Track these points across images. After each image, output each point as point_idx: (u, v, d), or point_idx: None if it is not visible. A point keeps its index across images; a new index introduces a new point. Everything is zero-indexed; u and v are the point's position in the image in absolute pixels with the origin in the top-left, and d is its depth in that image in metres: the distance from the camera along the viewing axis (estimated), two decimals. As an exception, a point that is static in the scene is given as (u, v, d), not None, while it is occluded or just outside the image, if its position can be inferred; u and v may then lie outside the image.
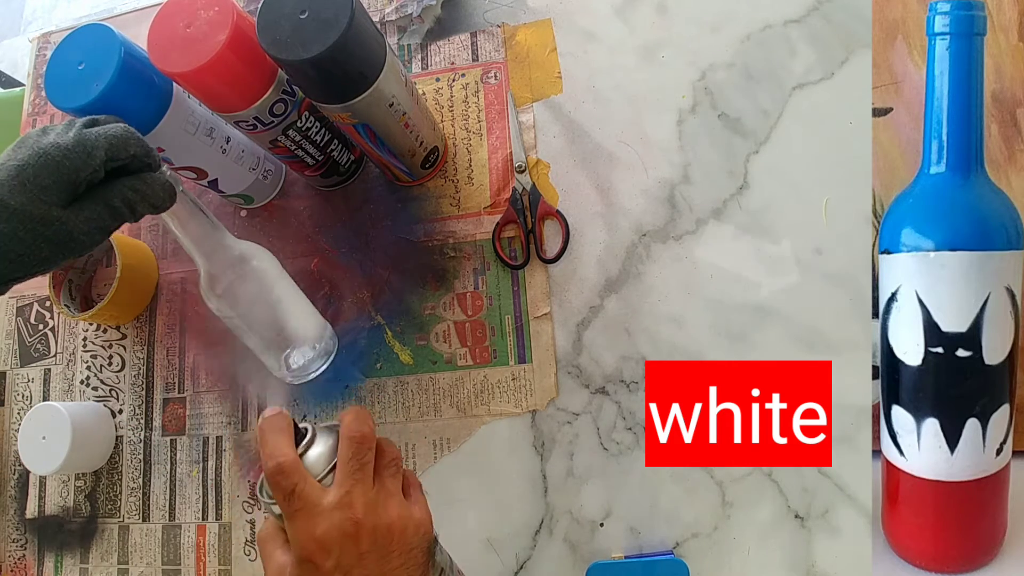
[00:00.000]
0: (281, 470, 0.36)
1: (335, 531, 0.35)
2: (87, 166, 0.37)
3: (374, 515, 0.36)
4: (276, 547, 0.37)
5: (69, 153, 0.36)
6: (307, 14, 0.41)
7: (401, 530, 0.37)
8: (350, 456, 0.37)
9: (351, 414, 0.39)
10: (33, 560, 0.62)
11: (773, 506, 0.50)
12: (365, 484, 0.37)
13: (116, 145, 0.38)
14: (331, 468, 0.37)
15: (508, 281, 0.56)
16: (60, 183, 0.36)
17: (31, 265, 0.37)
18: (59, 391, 0.64)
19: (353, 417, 0.39)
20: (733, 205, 0.54)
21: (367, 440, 0.38)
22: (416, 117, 0.51)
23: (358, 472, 0.37)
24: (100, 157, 0.37)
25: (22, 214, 0.35)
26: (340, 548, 0.35)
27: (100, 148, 0.37)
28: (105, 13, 0.74)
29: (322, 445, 0.39)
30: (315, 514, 0.35)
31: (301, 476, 0.36)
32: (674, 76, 0.57)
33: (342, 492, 0.36)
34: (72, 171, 0.36)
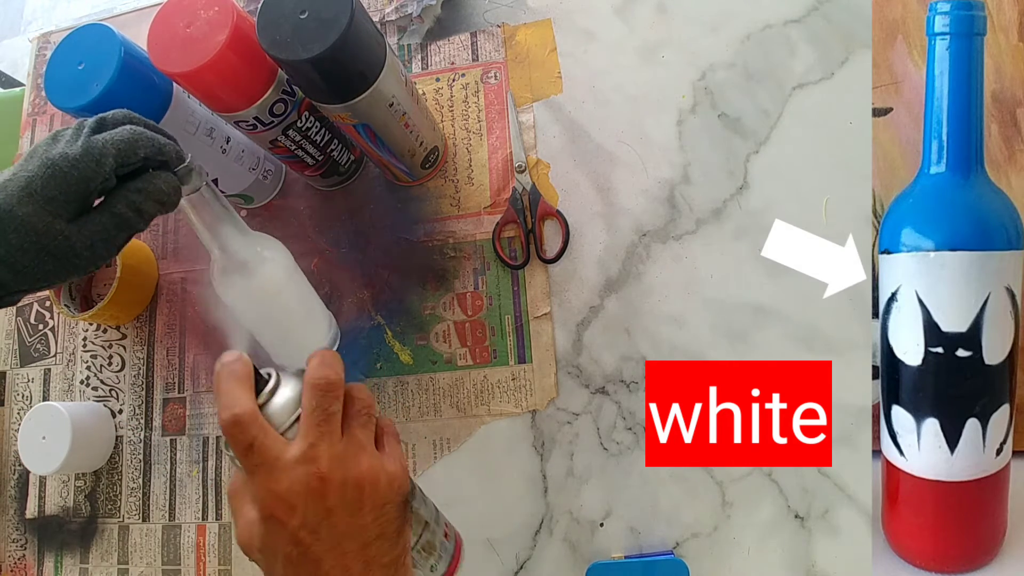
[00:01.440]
0: (237, 422, 0.33)
1: (299, 487, 0.33)
2: (97, 175, 0.35)
3: (341, 469, 0.34)
4: (245, 502, 0.34)
5: (77, 163, 0.35)
6: (307, 14, 0.41)
7: (372, 483, 0.34)
8: (314, 405, 0.34)
9: (317, 358, 0.36)
10: (33, 560, 0.62)
11: (773, 506, 0.50)
12: (331, 436, 0.34)
13: (125, 150, 0.36)
14: (296, 419, 0.35)
15: (508, 281, 0.56)
16: (69, 194, 0.35)
17: (36, 279, 0.36)
18: (59, 391, 0.64)
19: (319, 361, 0.35)
20: (733, 205, 0.54)
21: (333, 387, 0.35)
22: (416, 117, 0.51)
23: (324, 423, 0.34)
24: (109, 165, 0.36)
25: (28, 226, 0.34)
26: (305, 504, 0.33)
27: (109, 155, 0.36)
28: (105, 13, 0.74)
29: (287, 393, 0.35)
30: (276, 469, 0.33)
31: (260, 428, 0.33)
32: (674, 76, 0.57)
33: (306, 445, 0.33)
34: (81, 181, 0.35)
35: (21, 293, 0.37)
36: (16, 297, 0.37)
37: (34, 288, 0.37)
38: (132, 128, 0.38)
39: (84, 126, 0.37)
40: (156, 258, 0.65)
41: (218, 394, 0.34)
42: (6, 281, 0.35)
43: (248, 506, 0.34)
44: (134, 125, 0.38)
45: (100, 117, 0.38)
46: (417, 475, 0.55)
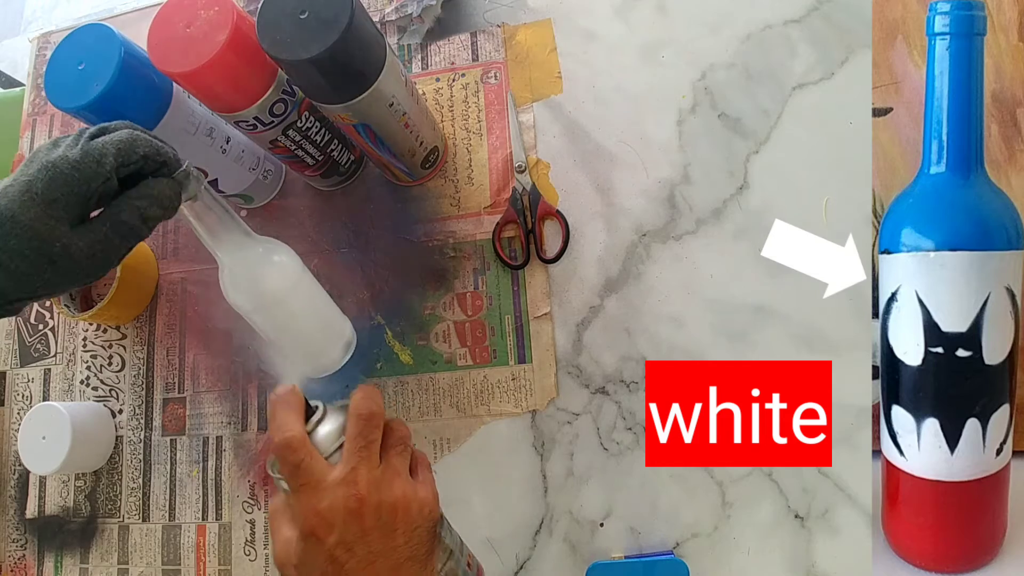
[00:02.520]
0: (288, 445, 0.36)
1: (338, 506, 0.35)
2: (98, 176, 0.35)
3: (378, 492, 0.36)
4: (284, 521, 0.37)
5: (78, 165, 0.35)
6: (307, 14, 0.41)
7: (405, 508, 0.37)
8: (356, 433, 0.37)
9: (360, 392, 0.39)
10: (33, 560, 0.62)
11: (773, 506, 0.50)
12: (370, 462, 0.37)
13: (124, 149, 0.37)
14: (339, 447, 0.37)
15: (508, 281, 0.56)
16: (69, 196, 0.35)
17: (35, 286, 0.36)
18: (59, 391, 0.64)
19: (362, 395, 0.39)
20: (733, 205, 0.54)
21: (374, 418, 0.38)
22: (416, 117, 0.51)
23: (364, 450, 0.37)
24: (110, 164, 0.36)
25: (31, 231, 0.34)
26: (343, 524, 0.35)
27: (109, 155, 0.36)
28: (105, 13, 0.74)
29: (332, 423, 0.38)
30: (319, 489, 0.36)
31: (307, 452, 0.36)
32: (674, 76, 0.57)
33: (347, 469, 0.36)
34: (83, 183, 0.35)
35: (21, 302, 0.37)
36: (16, 306, 0.37)
37: (34, 297, 0.37)
38: (130, 130, 0.38)
39: (84, 133, 0.37)
40: (156, 258, 0.65)
41: (272, 419, 0.37)
42: (5, 288, 0.35)
43: (287, 526, 0.37)
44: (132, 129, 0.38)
45: (101, 126, 0.38)
46: (417, 475, 0.55)
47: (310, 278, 0.51)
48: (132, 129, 0.39)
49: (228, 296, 0.46)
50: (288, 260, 0.48)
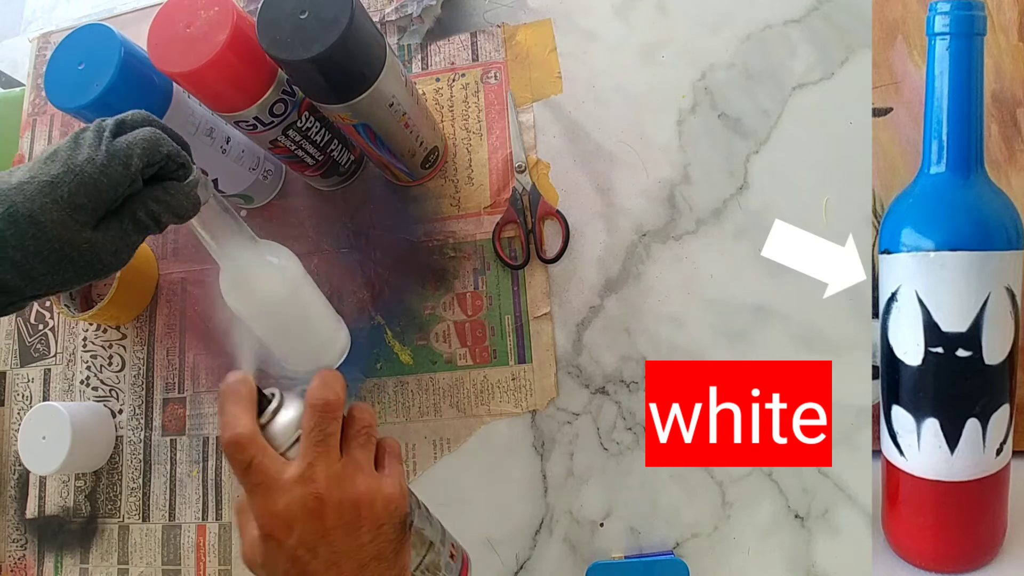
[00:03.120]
0: (236, 442, 0.34)
1: (296, 506, 0.33)
2: (126, 178, 0.34)
3: (339, 489, 0.34)
4: (249, 519, 0.35)
5: (106, 169, 0.34)
6: (307, 14, 0.41)
7: (369, 505, 0.35)
8: (312, 426, 0.35)
9: (317, 379, 0.36)
10: (33, 560, 0.62)
11: (773, 506, 0.50)
12: (329, 456, 0.35)
13: (149, 150, 0.35)
14: (297, 439, 0.35)
15: (508, 281, 0.56)
16: (96, 202, 0.34)
17: (52, 285, 0.35)
18: (59, 391, 0.64)
19: (318, 382, 0.36)
20: (733, 205, 0.54)
21: (331, 407, 0.35)
22: (416, 117, 0.51)
23: (321, 444, 0.35)
24: (136, 167, 0.35)
25: (52, 234, 0.33)
26: (302, 524, 0.33)
27: (135, 157, 0.35)
28: (105, 13, 0.74)
29: (290, 414, 0.36)
30: (274, 489, 0.34)
31: (258, 448, 0.34)
32: (674, 76, 0.57)
33: (304, 465, 0.34)
34: (111, 188, 0.34)
35: (33, 299, 0.36)
36: (27, 303, 0.36)
37: (47, 293, 0.36)
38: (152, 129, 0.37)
39: (104, 128, 0.36)
40: (156, 258, 0.65)
41: (221, 414, 0.35)
42: (19, 287, 0.34)
43: (252, 524, 0.35)
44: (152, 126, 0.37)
45: (120, 119, 0.37)
46: (417, 475, 0.55)
47: (310, 284, 0.50)
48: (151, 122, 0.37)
49: (227, 300, 0.46)
50: (289, 265, 0.48)
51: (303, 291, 0.49)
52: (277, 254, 0.47)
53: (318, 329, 0.52)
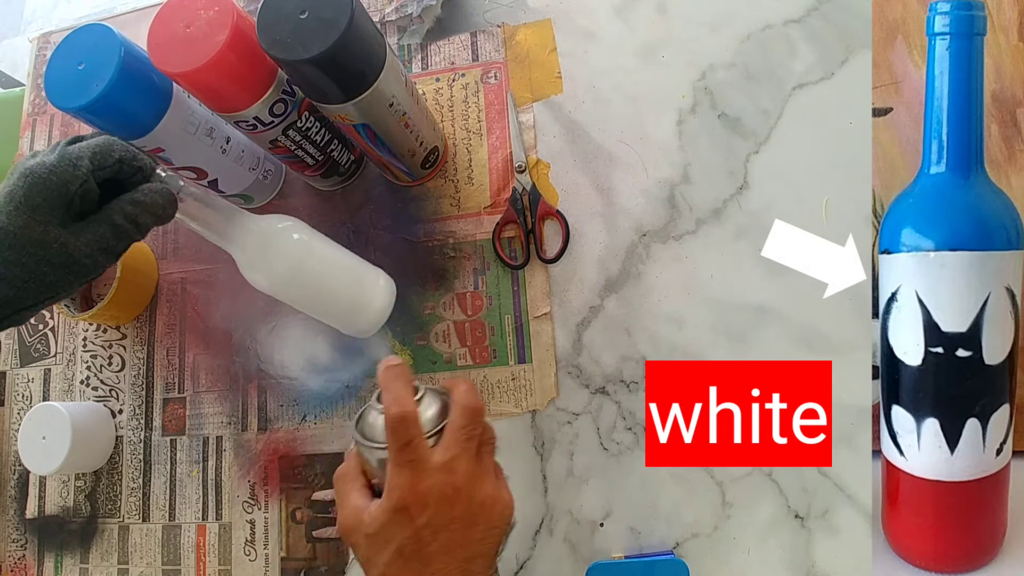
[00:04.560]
0: (404, 418, 0.37)
1: (436, 490, 0.36)
2: (75, 178, 0.36)
3: (471, 485, 0.37)
4: (354, 488, 0.39)
5: (55, 168, 0.36)
6: (307, 14, 0.41)
7: (491, 506, 0.38)
8: (462, 424, 0.38)
9: (465, 384, 0.40)
10: (33, 560, 0.62)
11: (773, 506, 0.50)
12: (470, 454, 0.38)
13: (100, 152, 0.37)
14: (435, 431, 0.38)
15: (508, 281, 0.56)
16: (51, 200, 0.35)
17: (39, 291, 0.36)
18: (59, 391, 0.64)
19: (468, 388, 0.40)
20: (733, 205, 0.54)
21: (479, 413, 0.39)
22: (416, 117, 0.51)
23: (467, 441, 0.38)
24: (86, 166, 0.36)
25: (21, 238, 0.35)
26: (436, 507, 0.36)
27: (84, 158, 0.37)
28: (105, 13, 0.74)
29: (431, 408, 0.40)
30: (421, 469, 0.36)
31: (418, 429, 0.37)
32: (674, 76, 0.57)
33: (449, 456, 0.37)
34: (60, 185, 0.36)
35: (28, 310, 0.37)
36: (24, 315, 0.37)
37: (39, 302, 0.37)
38: (106, 136, 0.39)
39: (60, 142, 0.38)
40: (156, 258, 0.65)
41: (387, 390, 0.38)
42: (9, 298, 0.36)
43: (357, 493, 0.38)
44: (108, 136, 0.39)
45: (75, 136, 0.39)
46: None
47: (325, 240, 0.48)
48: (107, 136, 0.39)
49: (251, 280, 0.45)
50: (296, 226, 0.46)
51: (320, 246, 0.47)
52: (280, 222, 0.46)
53: (351, 284, 0.49)
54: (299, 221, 0.47)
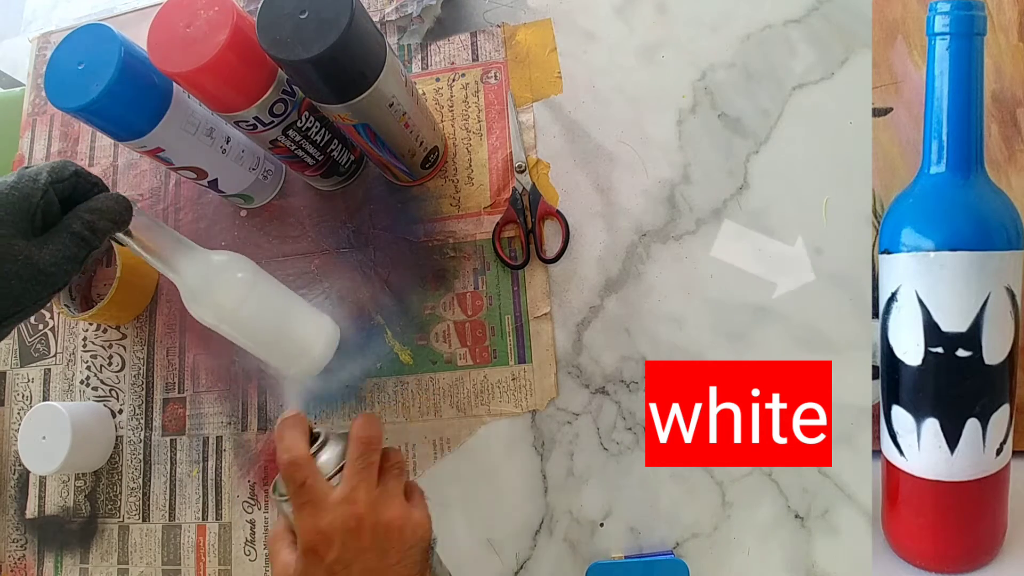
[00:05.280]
0: (294, 463, 0.39)
1: (338, 524, 0.37)
2: (35, 191, 0.37)
3: (375, 512, 0.38)
4: (284, 546, 0.39)
5: (15, 184, 0.37)
6: (307, 14, 0.41)
7: (399, 528, 0.39)
8: (357, 455, 0.40)
9: (361, 419, 0.42)
10: (33, 560, 0.62)
11: (773, 506, 0.50)
12: (369, 483, 0.39)
13: (56, 168, 0.39)
14: (339, 470, 0.40)
15: (508, 281, 0.56)
16: (13, 214, 0.36)
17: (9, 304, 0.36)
18: (59, 391, 0.64)
19: (363, 421, 0.41)
20: (733, 205, 0.54)
21: (373, 442, 0.41)
22: (416, 117, 0.51)
23: (364, 471, 0.39)
24: (44, 179, 0.37)
25: None
26: (342, 541, 0.37)
27: (42, 172, 0.38)
28: (105, 13, 0.74)
29: (333, 450, 0.41)
30: (321, 507, 0.38)
31: (312, 471, 0.39)
32: (674, 76, 0.57)
33: (347, 489, 0.38)
34: (22, 199, 0.36)
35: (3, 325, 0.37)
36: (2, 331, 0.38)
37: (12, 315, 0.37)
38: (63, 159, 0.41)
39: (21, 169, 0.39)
40: (156, 258, 0.65)
41: (279, 440, 0.40)
42: None
43: (287, 550, 0.39)
44: None
45: None
46: (417, 475, 0.55)
47: (271, 282, 0.49)
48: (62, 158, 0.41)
49: (192, 313, 0.45)
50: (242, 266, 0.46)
51: (264, 290, 0.48)
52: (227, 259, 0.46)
53: (293, 326, 0.50)
54: (246, 259, 0.47)
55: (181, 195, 0.65)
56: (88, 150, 0.69)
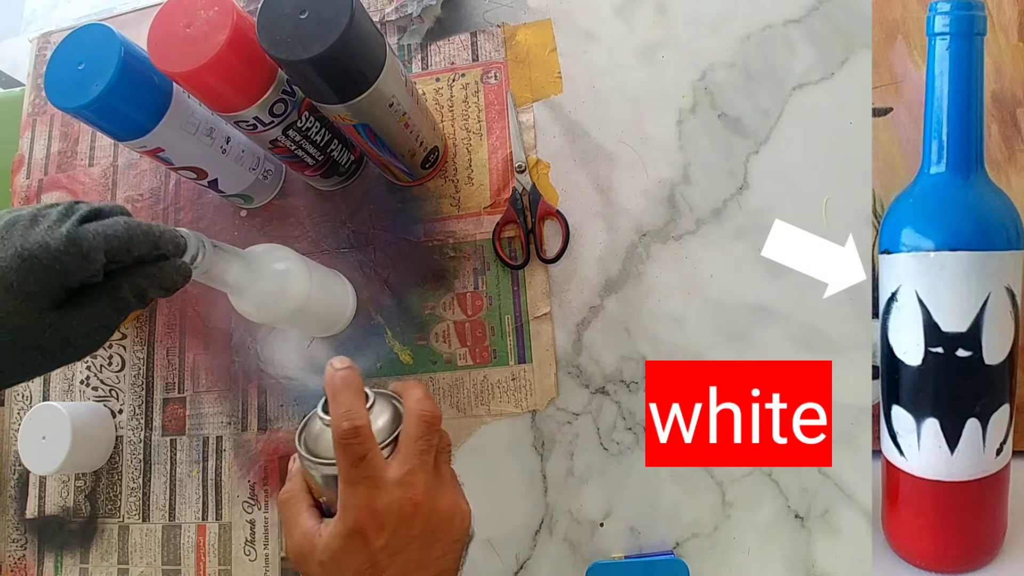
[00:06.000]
0: (357, 433, 0.34)
1: (395, 508, 0.34)
2: (82, 270, 0.31)
3: (431, 500, 0.35)
4: (302, 510, 0.36)
5: (60, 256, 0.30)
6: (307, 14, 0.41)
7: (450, 519, 0.36)
8: (419, 435, 0.36)
9: (419, 390, 0.38)
10: (33, 560, 0.62)
11: (773, 506, 0.50)
12: (427, 467, 0.36)
13: (117, 247, 0.32)
14: (389, 441, 0.36)
15: (508, 281, 0.56)
16: (49, 288, 0.31)
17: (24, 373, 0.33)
18: (59, 391, 0.64)
19: (423, 395, 0.37)
20: (733, 205, 0.54)
21: (436, 422, 0.37)
22: (416, 117, 0.51)
23: (425, 453, 0.36)
24: (99, 261, 0.31)
25: (9, 324, 0.31)
26: (395, 527, 0.34)
27: (98, 250, 0.31)
28: (105, 13, 0.74)
29: (382, 415, 0.37)
30: (378, 486, 0.34)
31: (372, 444, 0.34)
32: (674, 76, 0.57)
33: (405, 470, 0.35)
34: (63, 275, 0.31)
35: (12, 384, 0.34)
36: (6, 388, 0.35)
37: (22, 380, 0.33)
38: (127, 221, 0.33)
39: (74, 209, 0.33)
40: (156, 258, 0.65)
41: (336, 401, 0.35)
42: None
43: (306, 515, 0.35)
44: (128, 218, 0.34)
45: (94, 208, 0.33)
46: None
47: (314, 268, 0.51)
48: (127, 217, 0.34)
49: (254, 319, 0.47)
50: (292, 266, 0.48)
51: (314, 280, 0.50)
52: (276, 259, 0.47)
53: (333, 300, 0.55)
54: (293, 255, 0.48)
55: (181, 195, 0.65)
56: (88, 150, 0.69)
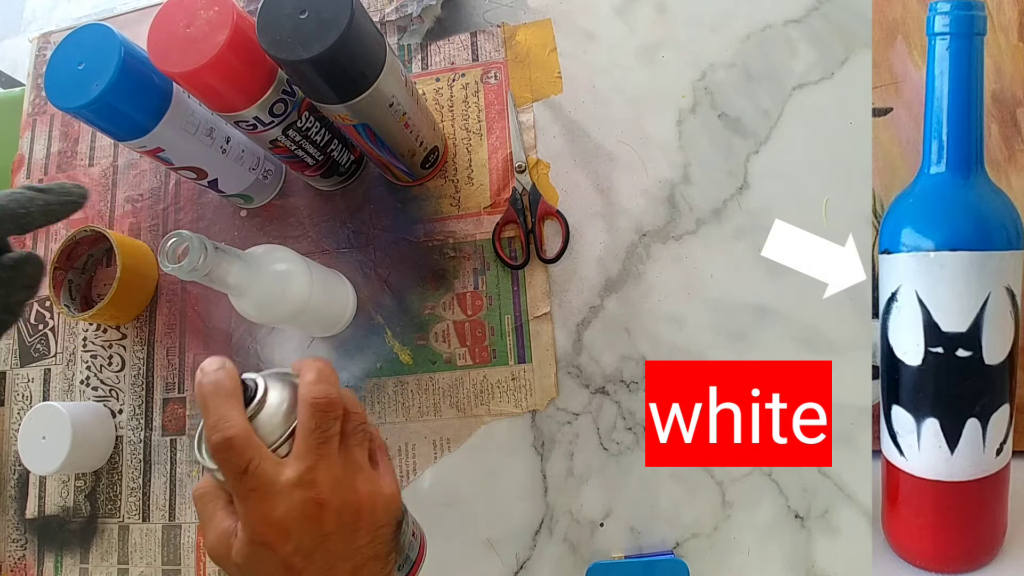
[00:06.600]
0: (230, 445, 0.30)
1: (295, 513, 0.31)
2: None
3: (340, 494, 0.32)
4: (217, 508, 0.32)
5: None
6: (307, 14, 0.41)
7: (370, 508, 0.33)
8: (314, 426, 0.32)
9: (312, 371, 0.33)
10: (33, 560, 0.62)
11: (773, 506, 0.50)
12: (330, 458, 0.32)
13: None
14: (288, 433, 0.32)
15: (508, 281, 0.56)
16: None
17: None
18: (59, 391, 0.64)
19: (315, 377, 0.33)
20: (733, 205, 0.54)
21: (333, 406, 0.33)
22: (416, 117, 0.51)
23: (323, 445, 0.32)
24: None
25: None
26: (301, 531, 0.31)
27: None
28: (105, 13, 0.74)
29: (276, 402, 0.33)
30: (272, 494, 0.31)
31: (255, 450, 0.31)
32: (674, 76, 0.57)
33: (303, 468, 0.31)
34: None
35: None
36: None
37: None
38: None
39: None
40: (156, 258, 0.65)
41: (205, 411, 0.31)
42: None
43: (221, 513, 0.32)
44: None
45: None
46: (417, 475, 0.55)
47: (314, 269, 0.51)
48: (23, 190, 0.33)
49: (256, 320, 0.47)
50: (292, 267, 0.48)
51: (314, 281, 0.50)
52: (277, 260, 0.47)
53: (333, 301, 0.55)
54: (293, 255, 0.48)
55: (181, 195, 0.65)
56: (88, 150, 0.69)
